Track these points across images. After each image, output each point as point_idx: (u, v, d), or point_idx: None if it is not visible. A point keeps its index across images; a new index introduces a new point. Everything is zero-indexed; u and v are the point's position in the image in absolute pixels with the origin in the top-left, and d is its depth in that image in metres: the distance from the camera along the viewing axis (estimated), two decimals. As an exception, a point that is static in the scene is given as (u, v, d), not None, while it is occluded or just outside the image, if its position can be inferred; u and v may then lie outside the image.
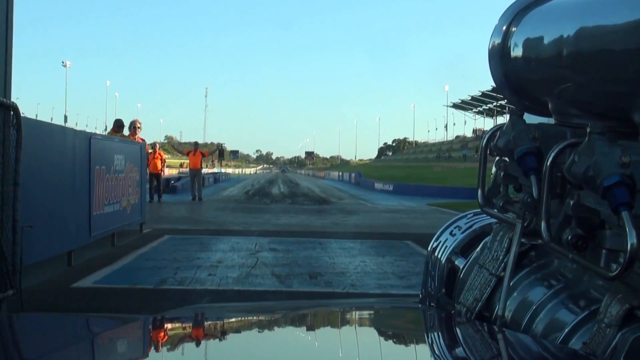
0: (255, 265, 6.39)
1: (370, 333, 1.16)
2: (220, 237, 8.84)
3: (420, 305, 1.57)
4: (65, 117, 78.51)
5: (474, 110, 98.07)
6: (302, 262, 6.78)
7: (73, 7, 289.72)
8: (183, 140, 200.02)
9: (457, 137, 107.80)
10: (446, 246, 1.51)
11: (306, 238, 8.96)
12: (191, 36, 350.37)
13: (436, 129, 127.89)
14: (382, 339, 1.11)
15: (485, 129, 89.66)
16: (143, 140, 10.73)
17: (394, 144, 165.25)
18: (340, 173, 53.88)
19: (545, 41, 1.08)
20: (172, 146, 22.25)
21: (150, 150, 15.83)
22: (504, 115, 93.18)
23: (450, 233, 1.54)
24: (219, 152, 57.06)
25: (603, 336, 0.87)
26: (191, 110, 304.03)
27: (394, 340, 1.10)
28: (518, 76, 1.22)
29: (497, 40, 1.24)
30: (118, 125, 10.40)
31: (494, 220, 1.31)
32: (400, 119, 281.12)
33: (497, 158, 1.26)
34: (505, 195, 1.23)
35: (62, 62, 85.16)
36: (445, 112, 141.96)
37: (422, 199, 21.68)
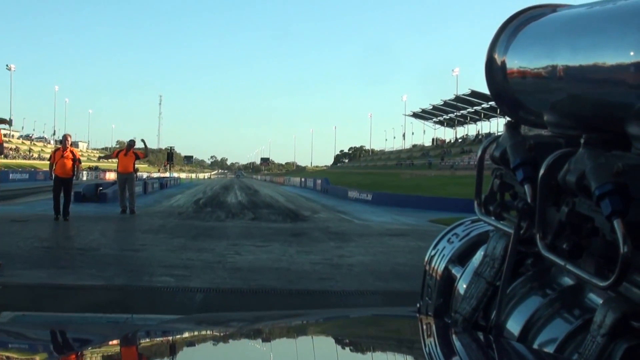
0: None
1: (368, 342, 1.13)
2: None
3: (417, 315, 1.52)
4: (10, 121, 72.71)
5: (434, 119, 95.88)
6: None
7: (20, 9, 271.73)
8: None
9: (414, 145, 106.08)
10: (443, 254, 1.48)
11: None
12: (144, 42, 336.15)
13: (394, 137, 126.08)
14: (379, 348, 1.09)
15: (445, 139, 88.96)
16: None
17: (350, 152, 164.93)
18: (303, 179, 48.72)
19: (540, 55, 1.10)
20: (100, 158, 17.50)
21: (57, 146, 11.03)
22: (465, 126, 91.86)
23: (448, 241, 1.51)
24: (168, 156, 52.19)
25: (597, 345, 0.87)
26: (145, 116, 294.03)
27: (391, 349, 1.09)
28: (514, 89, 1.23)
29: (493, 54, 1.25)
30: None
31: (491, 227, 1.30)
32: (357, 127, 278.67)
33: (494, 167, 1.26)
34: (501, 203, 1.23)
35: (7, 66, 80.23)
36: (403, 121, 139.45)
37: (414, 212, 17.43)
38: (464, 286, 1.29)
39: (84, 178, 52.50)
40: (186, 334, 1.15)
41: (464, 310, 1.22)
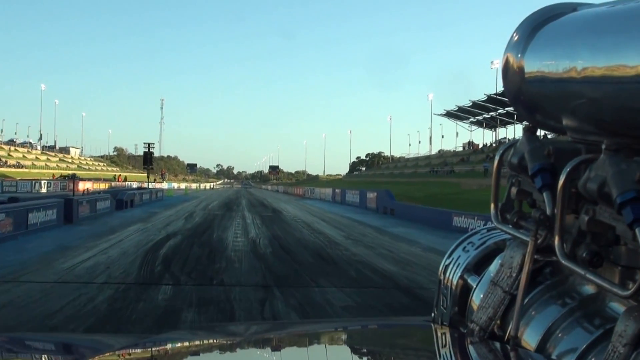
0: None
1: (383, 351, 1.14)
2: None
3: (432, 324, 1.49)
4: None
5: (472, 119, 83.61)
6: None
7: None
8: (137, 154, 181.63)
9: (440, 151, 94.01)
10: (459, 263, 1.45)
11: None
12: (143, 41, 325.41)
13: (419, 142, 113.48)
14: (394, 357, 1.10)
15: (479, 143, 75.60)
16: None
17: (367, 159, 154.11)
18: (338, 190, 35.52)
19: (559, 57, 1.09)
20: None
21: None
22: (507, 127, 79.37)
23: (464, 249, 1.49)
24: (144, 157, 39.64)
25: (619, 355, 0.85)
26: (146, 121, 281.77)
27: (406, 358, 1.11)
28: (531, 92, 1.20)
29: (511, 56, 1.23)
30: None
31: (508, 236, 1.28)
32: (373, 132, 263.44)
33: (510, 174, 1.23)
34: (519, 211, 1.21)
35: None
36: (429, 123, 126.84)
37: None
38: (480, 295, 1.27)
39: (44, 190, 40.51)
40: (196, 343, 1.16)
41: (480, 320, 1.20)
